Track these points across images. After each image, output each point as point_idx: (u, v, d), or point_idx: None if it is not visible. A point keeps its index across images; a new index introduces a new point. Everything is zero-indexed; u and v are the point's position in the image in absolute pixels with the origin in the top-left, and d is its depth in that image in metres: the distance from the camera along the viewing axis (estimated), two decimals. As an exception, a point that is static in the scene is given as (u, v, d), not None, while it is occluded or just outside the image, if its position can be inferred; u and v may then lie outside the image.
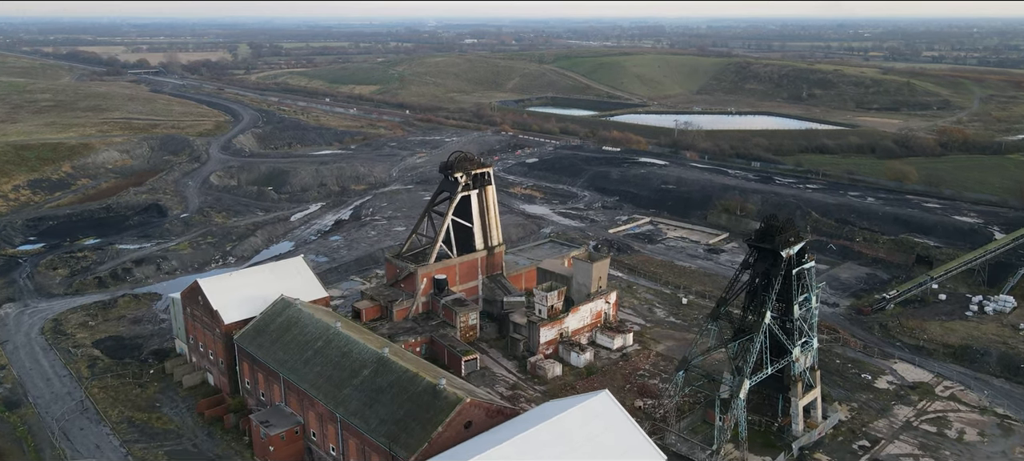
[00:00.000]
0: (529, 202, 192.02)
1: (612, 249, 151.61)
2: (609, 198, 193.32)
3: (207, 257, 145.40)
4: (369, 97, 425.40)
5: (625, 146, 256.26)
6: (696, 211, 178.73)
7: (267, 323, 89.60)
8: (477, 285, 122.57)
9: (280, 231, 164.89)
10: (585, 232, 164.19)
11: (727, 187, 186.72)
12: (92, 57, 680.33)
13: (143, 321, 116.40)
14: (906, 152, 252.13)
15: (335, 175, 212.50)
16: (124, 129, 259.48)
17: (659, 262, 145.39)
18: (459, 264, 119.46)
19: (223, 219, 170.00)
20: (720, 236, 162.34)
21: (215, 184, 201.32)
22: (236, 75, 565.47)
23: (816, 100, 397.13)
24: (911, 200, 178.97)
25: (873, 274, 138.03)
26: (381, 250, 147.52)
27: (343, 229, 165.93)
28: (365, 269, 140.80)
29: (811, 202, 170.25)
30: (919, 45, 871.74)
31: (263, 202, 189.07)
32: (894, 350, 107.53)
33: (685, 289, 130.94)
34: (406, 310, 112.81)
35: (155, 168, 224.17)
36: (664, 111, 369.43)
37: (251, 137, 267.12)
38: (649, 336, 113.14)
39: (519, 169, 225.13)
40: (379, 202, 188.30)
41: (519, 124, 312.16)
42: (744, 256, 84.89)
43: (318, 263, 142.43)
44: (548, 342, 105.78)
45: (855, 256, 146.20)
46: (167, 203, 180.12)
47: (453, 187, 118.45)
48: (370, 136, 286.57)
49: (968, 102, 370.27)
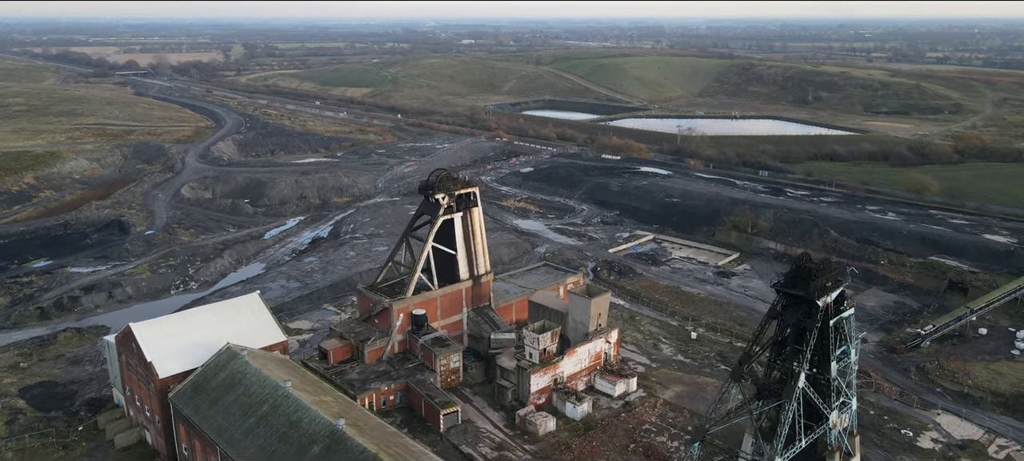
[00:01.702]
0: (523, 216, 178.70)
1: (612, 272, 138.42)
2: (609, 212, 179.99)
3: (166, 282, 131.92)
4: (361, 100, 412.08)
5: (625, 154, 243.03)
6: (703, 227, 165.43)
7: (208, 379, 76.19)
8: (462, 319, 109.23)
9: (251, 251, 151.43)
10: (583, 252, 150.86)
11: (736, 201, 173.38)
12: (82, 58, 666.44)
13: (83, 361, 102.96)
14: (921, 160, 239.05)
15: (316, 186, 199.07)
16: (97, 136, 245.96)
17: (664, 288, 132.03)
18: (441, 296, 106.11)
19: (190, 237, 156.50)
20: (730, 257, 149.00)
21: (187, 197, 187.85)
22: (226, 77, 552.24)
23: (822, 103, 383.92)
24: (935, 216, 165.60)
25: (901, 302, 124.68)
26: (358, 274, 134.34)
27: (320, 248, 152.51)
28: (340, 296, 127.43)
29: (828, 219, 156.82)
30: (922, 46, 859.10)
31: (237, 217, 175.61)
32: (935, 398, 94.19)
33: (694, 321, 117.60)
34: (380, 350, 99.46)
35: (126, 178, 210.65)
36: (665, 115, 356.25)
37: (232, 144, 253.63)
38: (655, 379, 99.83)
39: (513, 179, 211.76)
40: (361, 217, 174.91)
41: (515, 129, 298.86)
42: (771, 304, 71.23)
43: (288, 290, 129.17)
44: (540, 390, 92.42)
45: (880, 281, 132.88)
46: (131, 219, 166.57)
47: (434, 210, 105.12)
48: (358, 142, 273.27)
49: (980, 106, 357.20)
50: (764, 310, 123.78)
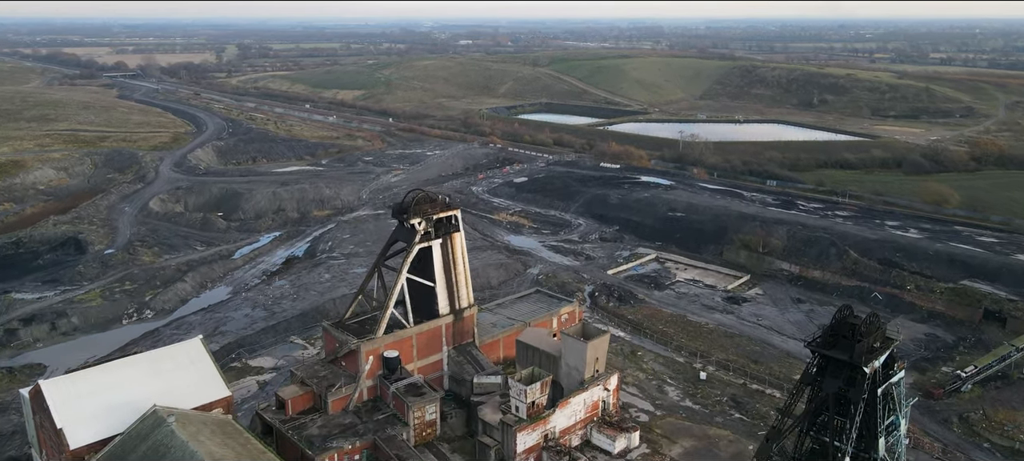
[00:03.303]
0: (515, 232, 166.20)
1: (612, 298, 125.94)
2: (608, 228, 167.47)
3: (119, 311, 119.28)
4: (352, 103, 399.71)
5: (625, 161, 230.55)
6: (709, 245, 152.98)
7: (127, 451, 63.68)
8: (441, 359, 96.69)
9: (218, 273, 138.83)
10: (579, 274, 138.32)
11: (745, 216, 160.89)
12: (71, 59, 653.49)
13: (9, 410, 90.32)
14: (936, 167, 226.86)
15: (296, 198, 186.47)
16: (68, 142, 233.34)
17: (668, 316, 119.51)
18: (417, 335, 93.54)
19: (152, 257, 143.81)
20: (740, 279, 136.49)
21: (155, 210, 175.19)
22: (217, 78, 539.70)
23: (828, 106, 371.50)
24: (961, 232, 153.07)
25: (933, 335, 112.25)
26: (332, 301, 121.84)
27: (293, 270, 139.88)
28: (310, 327, 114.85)
29: (846, 237, 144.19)
30: (924, 47, 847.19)
31: (207, 233, 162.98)
32: (983, 456, 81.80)
33: (703, 357, 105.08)
34: (346, 399, 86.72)
35: (95, 189, 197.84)
36: (666, 119, 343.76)
37: (211, 151, 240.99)
38: (660, 430, 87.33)
39: (506, 190, 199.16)
40: (341, 232, 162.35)
41: (509, 134, 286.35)
42: (805, 366, 58.76)
43: (253, 319, 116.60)
44: (528, 450, 79.86)
45: (907, 309, 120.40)
46: (90, 236, 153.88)
47: (409, 236, 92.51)
48: (345, 149, 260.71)
49: (993, 109, 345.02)
50: (779, 345, 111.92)
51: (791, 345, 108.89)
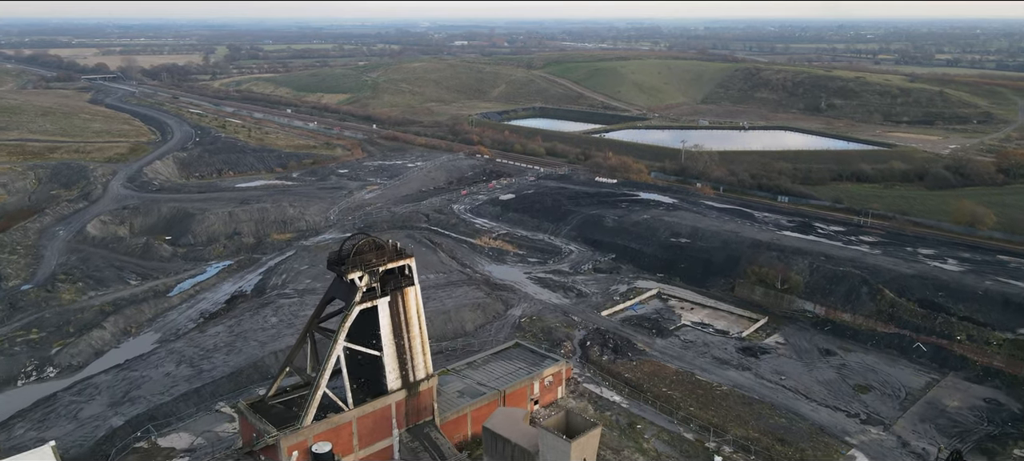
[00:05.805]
0: (498, 260, 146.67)
1: (606, 349, 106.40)
2: (602, 256, 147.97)
3: (15, 368, 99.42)
4: (336, 108, 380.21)
5: (623, 174, 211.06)
6: (718, 278, 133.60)
7: None
8: (391, 445, 77.36)
9: (147, 314, 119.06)
10: (569, 315, 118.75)
11: (758, 243, 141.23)
12: (52, 61, 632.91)
13: None
14: (962, 181, 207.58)
15: (254, 220, 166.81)
16: (13, 154, 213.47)
17: (673, 374, 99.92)
18: (358, 418, 74.22)
19: (74, 294, 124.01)
20: (757, 323, 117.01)
21: (93, 235, 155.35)
22: (199, 81, 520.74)
23: (837, 111, 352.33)
24: (1007, 264, 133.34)
25: (994, 401, 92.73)
26: (273, 355, 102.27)
27: (235, 311, 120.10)
28: (243, 388, 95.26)
29: (879, 272, 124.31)
30: (928, 47, 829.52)
31: (147, 262, 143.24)
32: None
33: (717, 434, 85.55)
34: (261, 509, 67.48)
35: (36, 207, 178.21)
36: (667, 125, 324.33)
37: (171, 163, 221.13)
38: (666, 546, 67.81)
39: (490, 209, 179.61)
40: (299, 262, 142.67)
41: (499, 143, 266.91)
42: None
43: (174, 380, 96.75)
44: None
45: (958, 364, 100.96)
46: (7, 268, 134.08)
47: (349, 294, 73.19)
48: (321, 160, 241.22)
49: (1012, 114, 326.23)
50: (809, 415, 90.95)
51: (824, 415, 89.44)
